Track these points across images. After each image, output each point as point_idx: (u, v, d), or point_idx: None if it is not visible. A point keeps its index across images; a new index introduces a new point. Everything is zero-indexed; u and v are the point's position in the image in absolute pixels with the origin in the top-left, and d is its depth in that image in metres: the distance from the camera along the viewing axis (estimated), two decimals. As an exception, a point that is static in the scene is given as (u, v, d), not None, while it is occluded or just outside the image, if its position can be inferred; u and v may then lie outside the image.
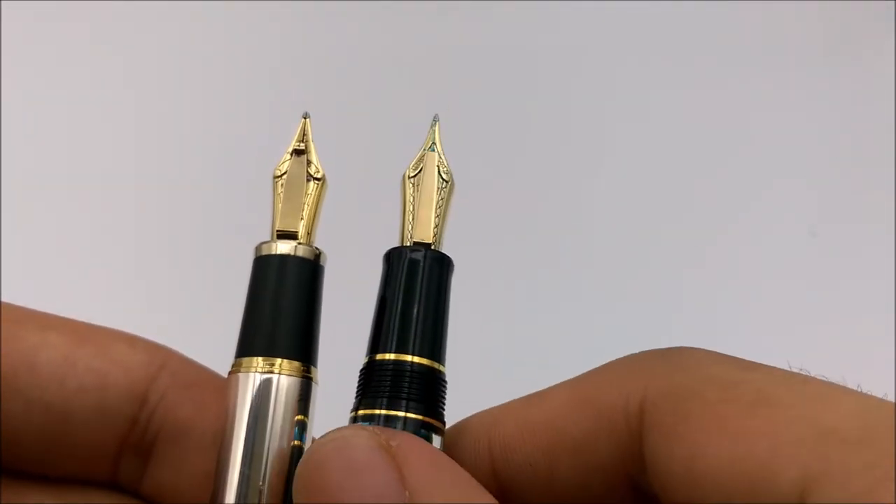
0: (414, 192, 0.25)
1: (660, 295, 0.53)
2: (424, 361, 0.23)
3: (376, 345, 0.23)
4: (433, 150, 0.25)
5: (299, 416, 0.23)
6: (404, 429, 0.22)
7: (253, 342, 0.23)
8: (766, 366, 0.21)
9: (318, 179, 0.24)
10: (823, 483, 0.17)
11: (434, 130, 0.25)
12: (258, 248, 0.24)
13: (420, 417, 0.22)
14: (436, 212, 0.24)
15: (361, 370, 0.24)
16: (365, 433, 0.20)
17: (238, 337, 0.24)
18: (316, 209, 0.24)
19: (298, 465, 0.20)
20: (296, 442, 0.23)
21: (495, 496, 0.20)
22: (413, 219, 0.24)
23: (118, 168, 0.55)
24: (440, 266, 0.24)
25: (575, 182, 0.53)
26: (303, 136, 0.25)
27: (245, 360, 0.23)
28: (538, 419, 0.23)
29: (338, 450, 0.20)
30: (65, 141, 0.55)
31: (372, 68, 0.59)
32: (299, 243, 0.24)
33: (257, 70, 0.59)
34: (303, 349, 0.23)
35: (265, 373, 0.23)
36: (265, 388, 0.23)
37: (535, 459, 0.22)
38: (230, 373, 0.23)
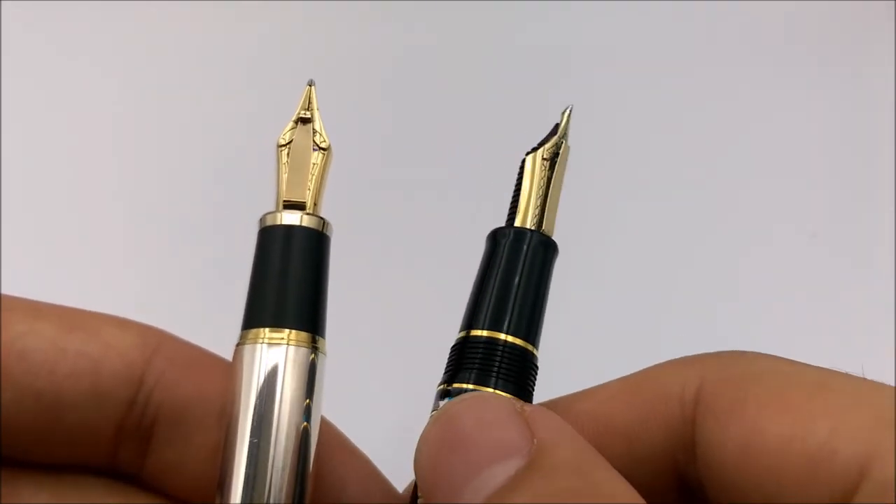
0: (543, 175, 0.24)
1: (659, 295, 0.52)
2: (518, 342, 0.23)
3: (472, 320, 0.23)
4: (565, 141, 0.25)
5: (309, 387, 0.22)
6: None
7: (260, 313, 0.23)
8: (818, 366, 0.22)
9: (324, 149, 0.24)
10: (882, 463, 0.18)
11: (566, 119, 0.25)
12: (263, 219, 0.24)
13: (508, 396, 0.22)
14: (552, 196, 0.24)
15: (454, 345, 0.23)
16: (497, 395, 0.21)
17: (244, 309, 0.23)
18: (322, 180, 0.24)
19: (428, 421, 0.21)
20: (304, 423, 0.22)
21: None
22: (531, 203, 0.24)
23: (115, 144, 0.55)
24: (545, 250, 0.24)
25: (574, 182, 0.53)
26: (308, 105, 0.24)
27: (252, 331, 0.23)
28: (585, 410, 0.23)
29: (471, 406, 0.21)
30: (64, 119, 0.56)
31: (378, 42, 0.59)
32: (306, 213, 0.23)
33: (259, 41, 0.59)
34: (311, 320, 0.23)
35: (274, 343, 0.22)
36: (274, 358, 0.22)
37: None
38: (237, 345, 0.23)
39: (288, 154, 0.24)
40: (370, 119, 0.56)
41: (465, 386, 0.22)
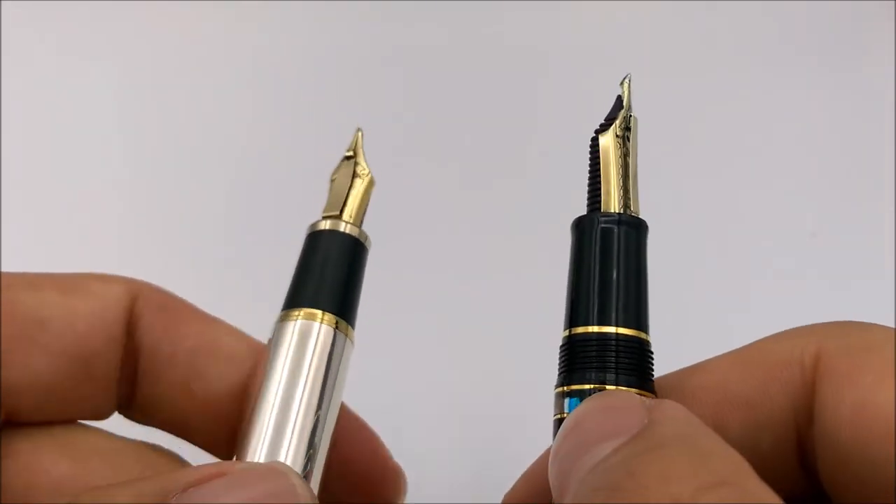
0: (619, 153, 0.24)
1: (656, 295, 0.52)
2: (630, 332, 0.22)
3: (577, 317, 0.22)
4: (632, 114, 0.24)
5: (333, 365, 0.25)
6: None
7: (298, 297, 0.26)
8: None
9: (361, 178, 0.28)
10: None
11: (628, 89, 0.24)
12: (311, 226, 0.27)
13: (633, 391, 0.22)
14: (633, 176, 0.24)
15: (562, 345, 0.23)
16: (622, 390, 0.21)
17: (286, 296, 0.26)
18: (358, 200, 0.28)
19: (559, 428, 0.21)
20: (325, 395, 0.24)
21: None
22: (614, 184, 0.23)
23: (115, 144, 0.56)
24: (638, 231, 0.23)
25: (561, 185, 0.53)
26: (354, 146, 0.29)
27: (290, 311, 0.25)
28: (700, 384, 0.23)
29: (597, 400, 0.21)
30: (64, 119, 0.56)
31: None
32: (346, 222, 0.27)
33: (259, 41, 0.59)
34: (343, 310, 0.26)
35: (307, 320, 0.25)
36: (306, 333, 0.25)
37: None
38: (276, 322, 0.25)
39: (333, 182, 0.28)
40: (371, 118, 0.56)
41: (584, 387, 0.22)
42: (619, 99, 0.24)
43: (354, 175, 0.28)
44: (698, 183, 0.56)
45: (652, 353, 0.23)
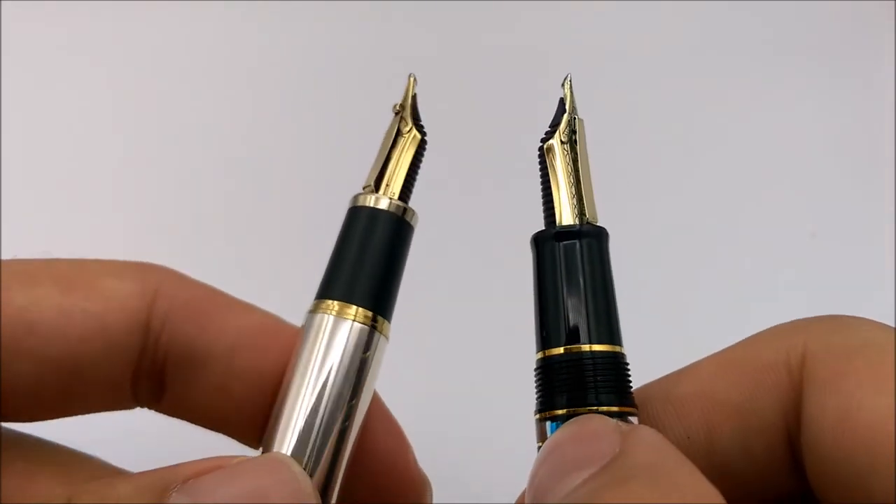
0: (568, 160, 0.22)
1: (659, 296, 0.52)
2: (604, 348, 0.21)
3: (550, 338, 0.22)
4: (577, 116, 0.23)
5: (363, 365, 0.23)
6: None
7: (333, 286, 0.24)
8: None
9: (404, 135, 0.24)
10: None
11: (570, 92, 0.23)
12: (353, 199, 0.24)
13: (615, 409, 0.21)
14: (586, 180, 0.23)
15: (537, 368, 0.22)
16: (599, 417, 0.21)
17: (322, 279, 0.24)
18: (402, 164, 0.24)
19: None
20: (353, 395, 0.23)
21: None
22: (566, 193, 0.22)
23: (114, 144, 0.55)
24: (599, 241, 0.22)
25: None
26: (404, 98, 0.25)
27: (324, 302, 0.23)
28: (687, 392, 0.23)
29: (574, 426, 0.21)
30: (64, 119, 0.56)
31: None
32: (386, 197, 0.24)
33: (259, 40, 0.59)
34: (378, 302, 0.24)
35: (340, 317, 0.23)
36: (337, 330, 0.23)
37: (692, 431, 0.22)
38: (309, 312, 0.24)
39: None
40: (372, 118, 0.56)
41: (562, 412, 0.21)
42: (562, 102, 0.23)
43: (398, 133, 0.24)
44: (699, 183, 0.56)
45: (628, 364, 0.22)
